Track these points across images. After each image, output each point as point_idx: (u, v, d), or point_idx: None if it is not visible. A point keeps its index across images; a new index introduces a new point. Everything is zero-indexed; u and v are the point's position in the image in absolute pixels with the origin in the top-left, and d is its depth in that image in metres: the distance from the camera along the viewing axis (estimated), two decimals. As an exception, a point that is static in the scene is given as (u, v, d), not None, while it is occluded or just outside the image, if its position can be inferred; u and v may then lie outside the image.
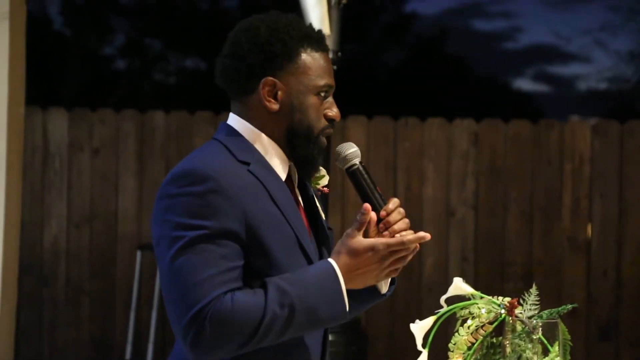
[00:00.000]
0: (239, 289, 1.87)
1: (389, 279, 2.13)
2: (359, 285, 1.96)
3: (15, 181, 4.47)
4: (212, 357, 1.89)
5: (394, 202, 2.02)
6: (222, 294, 1.84)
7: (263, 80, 2.03)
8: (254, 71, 2.05)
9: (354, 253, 1.94)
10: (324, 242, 2.16)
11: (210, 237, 1.87)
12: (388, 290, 2.15)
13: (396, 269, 1.99)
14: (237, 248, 1.90)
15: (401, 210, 2.02)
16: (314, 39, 2.07)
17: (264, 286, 1.88)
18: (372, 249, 1.93)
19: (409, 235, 1.96)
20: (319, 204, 2.20)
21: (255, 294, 1.86)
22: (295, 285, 1.88)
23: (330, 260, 1.94)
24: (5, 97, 4.37)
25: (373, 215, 2.00)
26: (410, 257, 1.99)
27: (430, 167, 5.59)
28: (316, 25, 2.56)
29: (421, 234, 1.95)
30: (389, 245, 1.94)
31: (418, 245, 1.97)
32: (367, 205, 1.96)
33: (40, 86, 12.27)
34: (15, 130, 4.44)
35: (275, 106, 2.04)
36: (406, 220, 2.02)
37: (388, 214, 2.01)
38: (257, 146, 2.06)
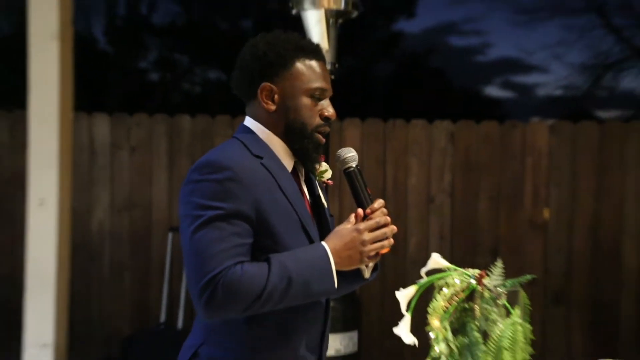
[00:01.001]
0: (247, 262, 1.89)
1: (372, 266, 2.13)
2: (347, 265, 1.98)
3: (67, 175, 4.48)
4: (219, 317, 1.91)
5: (379, 202, 2.05)
6: (233, 265, 1.86)
7: (261, 85, 2.04)
8: (254, 79, 2.06)
9: (341, 235, 1.96)
10: (326, 227, 2.17)
11: (225, 216, 1.89)
12: (371, 276, 2.16)
13: (376, 254, 2.00)
14: (247, 227, 1.92)
15: (384, 209, 2.05)
16: (309, 50, 2.08)
17: (268, 261, 1.89)
18: (355, 229, 1.96)
19: (383, 218, 2.01)
20: (323, 195, 2.21)
21: (260, 267, 1.87)
22: (293, 262, 1.90)
23: (323, 243, 1.96)
24: (57, 105, 4.37)
25: (360, 211, 2.03)
26: (386, 244, 2.01)
27: (414, 161, 5.58)
28: (316, 41, 2.56)
29: (391, 226, 2.02)
30: (367, 226, 1.97)
31: (392, 239, 2.03)
32: (360, 211, 2.02)
33: (87, 95, 12.25)
34: (65, 132, 4.44)
35: (272, 107, 2.06)
36: (387, 218, 2.03)
37: (372, 212, 2.03)
38: (268, 143, 2.07)
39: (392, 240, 2.03)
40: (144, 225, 5.82)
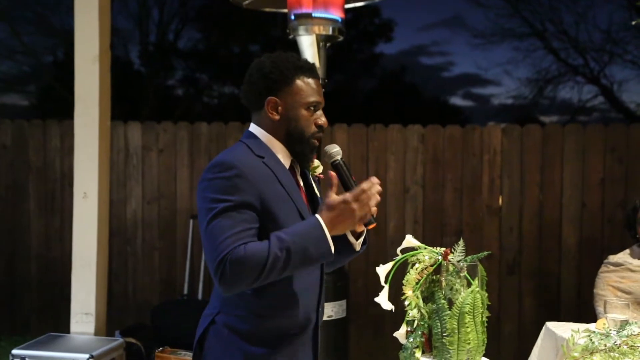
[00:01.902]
0: (251, 242, 1.87)
1: (361, 241, 2.11)
2: (341, 229, 1.93)
3: (105, 172, 4.45)
4: (235, 290, 1.88)
5: (374, 180, 1.98)
6: (239, 245, 1.84)
7: (267, 99, 2.03)
8: (261, 93, 2.04)
9: (331, 206, 1.93)
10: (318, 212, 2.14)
11: (234, 207, 1.88)
12: (361, 249, 2.14)
13: (365, 215, 1.95)
14: (253, 215, 1.91)
15: (375, 189, 2.00)
16: (306, 69, 2.07)
17: (268, 238, 1.86)
18: (343, 201, 1.92)
19: (366, 184, 1.95)
20: (316, 187, 2.20)
21: (261, 244, 1.86)
22: (290, 234, 1.88)
23: (316, 214, 1.92)
24: (97, 115, 4.34)
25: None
26: (374, 204, 1.95)
27: (391, 158, 5.56)
28: (309, 60, 2.52)
29: (373, 178, 1.97)
30: (354, 195, 1.93)
31: (379, 197, 1.97)
32: (333, 173, 1.98)
33: (123, 107, 12.23)
34: (104, 137, 4.41)
35: (276, 117, 2.04)
36: (377, 197, 2.00)
37: None
38: (269, 145, 2.07)
39: (378, 201, 1.97)
40: (169, 214, 5.79)
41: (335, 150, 2.08)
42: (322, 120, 2.07)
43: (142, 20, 14.09)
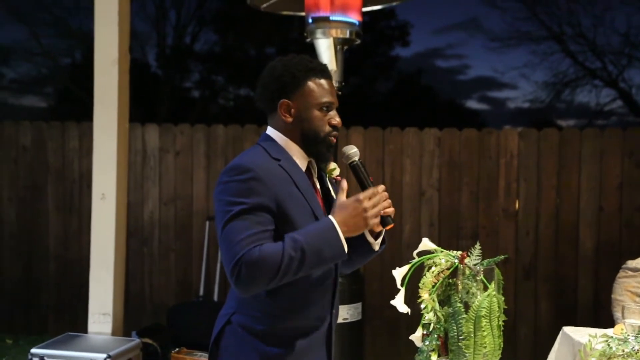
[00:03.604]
0: (266, 243, 1.87)
1: (380, 240, 2.11)
2: (355, 229, 1.93)
3: (123, 174, 4.48)
4: (251, 291, 1.89)
5: (381, 187, 2.01)
6: (252, 248, 1.84)
7: (280, 102, 2.04)
8: (274, 96, 2.05)
9: (343, 206, 1.94)
10: None
11: (250, 209, 1.89)
12: (380, 248, 2.14)
13: (377, 216, 1.96)
14: (268, 217, 1.91)
15: (385, 193, 2.02)
16: (318, 70, 2.07)
17: (283, 239, 1.87)
18: (356, 200, 1.93)
19: (380, 188, 1.97)
20: (332, 188, 2.20)
21: (276, 245, 1.86)
22: (304, 235, 1.88)
23: (329, 216, 1.93)
24: (115, 117, 4.37)
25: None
26: (387, 206, 1.98)
27: (407, 161, 5.55)
28: (326, 63, 2.53)
29: (381, 186, 1.98)
30: (366, 196, 1.93)
31: (391, 207, 1.99)
32: (343, 182, 1.99)
33: (141, 109, 12.31)
34: (122, 139, 4.44)
35: (290, 119, 2.05)
36: (389, 201, 2.01)
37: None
38: (285, 148, 2.07)
39: (390, 204, 2.00)
40: (186, 215, 5.82)
41: (353, 151, 2.09)
42: (336, 120, 2.07)
43: (159, 23, 14.18)
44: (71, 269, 5.94)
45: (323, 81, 2.06)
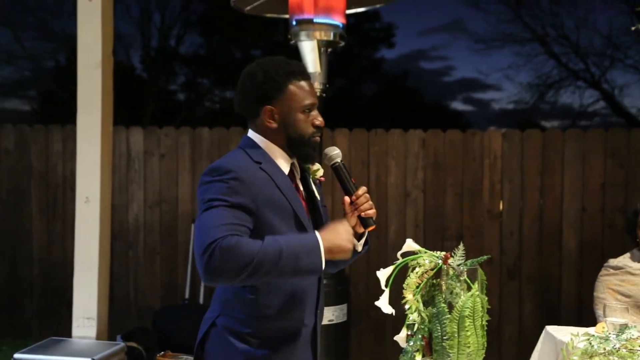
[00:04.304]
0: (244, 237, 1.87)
1: (363, 242, 2.12)
2: (338, 251, 1.93)
3: (107, 177, 4.46)
4: (217, 279, 1.83)
5: (362, 189, 2.04)
6: (230, 235, 1.82)
7: (263, 108, 2.05)
8: (256, 103, 2.05)
9: (332, 229, 1.96)
10: (318, 214, 2.17)
11: (229, 207, 1.89)
12: (363, 249, 2.15)
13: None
14: (247, 216, 1.92)
15: (367, 195, 2.05)
16: (297, 73, 2.08)
17: (263, 239, 1.85)
18: (343, 223, 1.98)
19: (361, 190, 2.07)
20: (317, 189, 2.20)
21: (254, 240, 1.85)
22: (285, 239, 1.88)
23: (315, 231, 1.94)
24: (99, 120, 4.36)
25: (347, 199, 2.03)
26: (369, 208, 2.08)
27: (392, 163, 5.57)
28: (311, 66, 2.55)
29: (362, 188, 2.07)
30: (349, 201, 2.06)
31: (373, 209, 2.08)
32: (347, 199, 2.05)
33: (125, 112, 12.25)
34: (106, 142, 4.43)
35: (274, 125, 2.06)
36: (370, 202, 2.03)
37: (357, 198, 2.03)
38: (268, 151, 2.08)
39: (372, 206, 2.07)
40: (171, 218, 5.80)
41: (335, 152, 2.10)
42: (319, 120, 2.08)
43: (144, 25, 14.13)
44: (55, 273, 5.90)
45: (303, 83, 2.06)
